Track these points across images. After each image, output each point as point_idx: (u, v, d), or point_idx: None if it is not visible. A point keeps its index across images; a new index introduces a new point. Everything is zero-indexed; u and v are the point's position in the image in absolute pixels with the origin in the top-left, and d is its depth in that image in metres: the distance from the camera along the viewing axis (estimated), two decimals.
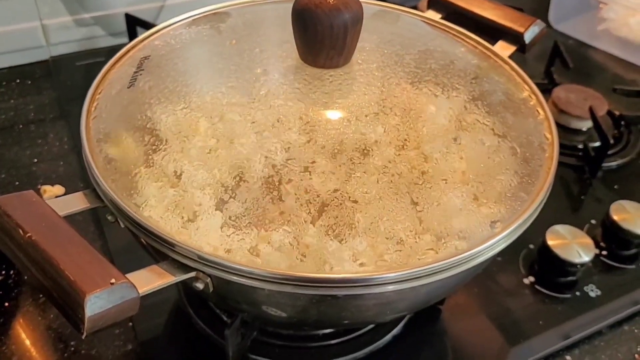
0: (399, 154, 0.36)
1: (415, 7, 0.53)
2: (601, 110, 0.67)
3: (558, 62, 0.75)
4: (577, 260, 0.50)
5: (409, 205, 0.34)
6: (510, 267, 0.53)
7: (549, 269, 0.52)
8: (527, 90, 0.44)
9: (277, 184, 0.35)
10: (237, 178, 0.35)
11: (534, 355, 0.47)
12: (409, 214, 0.34)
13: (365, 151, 0.36)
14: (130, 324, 0.47)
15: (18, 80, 0.72)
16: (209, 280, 0.32)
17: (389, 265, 0.33)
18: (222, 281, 0.32)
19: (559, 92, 0.70)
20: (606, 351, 0.48)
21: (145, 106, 0.39)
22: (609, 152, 0.64)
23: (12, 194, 0.32)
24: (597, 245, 0.54)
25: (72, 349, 0.46)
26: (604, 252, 0.55)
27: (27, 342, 0.46)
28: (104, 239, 0.53)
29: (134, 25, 0.71)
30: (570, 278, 0.52)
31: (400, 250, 0.33)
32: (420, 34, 0.48)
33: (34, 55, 0.74)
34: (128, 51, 0.45)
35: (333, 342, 0.47)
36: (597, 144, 0.64)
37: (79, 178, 0.60)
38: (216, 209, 0.34)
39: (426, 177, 0.35)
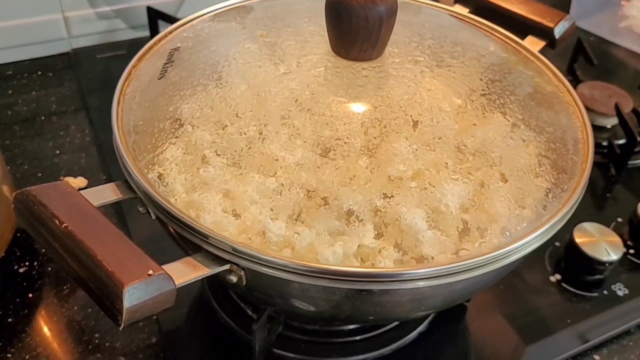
0: (434, 149, 0.36)
1: (436, 0, 0.52)
2: (627, 108, 0.66)
3: (581, 58, 0.74)
4: (605, 258, 0.50)
5: (447, 200, 0.34)
6: (536, 265, 0.53)
7: (576, 266, 0.52)
8: (559, 86, 0.44)
9: (311, 177, 0.34)
10: (272, 171, 0.35)
11: (560, 355, 0.46)
12: (447, 208, 0.34)
13: (400, 145, 0.36)
14: (155, 316, 0.47)
15: (40, 72, 0.72)
16: (242, 273, 0.32)
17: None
18: (256, 274, 0.32)
19: (583, 89, 0.69)
20: (635, 351, 0.47)
21: (177, 97, 0.39)
22: (634, 150, 0.64)
23: (47, 184, 0.32)
24: (624, 244, 0.53)
25: (96, 341, 0.45)
26: (631, 251, 0.54)
27: (51, 333, 0.46)
28: (126, 230, 0.53)
29: (156, 18, 0.71)
30: (597, 276, 0.51)
31: (442, 246, 0.33)
32: (450, 28, 0.48)
33: (56, 48, 0.74)
34: (156, 43, 0.44)
35: (358, 338, 0.46)
36: (622, 141, 0.64)
37: (100, 170, 0.60)
38: (252, 201, 0.34)
39: (462, 173, 0.35)
